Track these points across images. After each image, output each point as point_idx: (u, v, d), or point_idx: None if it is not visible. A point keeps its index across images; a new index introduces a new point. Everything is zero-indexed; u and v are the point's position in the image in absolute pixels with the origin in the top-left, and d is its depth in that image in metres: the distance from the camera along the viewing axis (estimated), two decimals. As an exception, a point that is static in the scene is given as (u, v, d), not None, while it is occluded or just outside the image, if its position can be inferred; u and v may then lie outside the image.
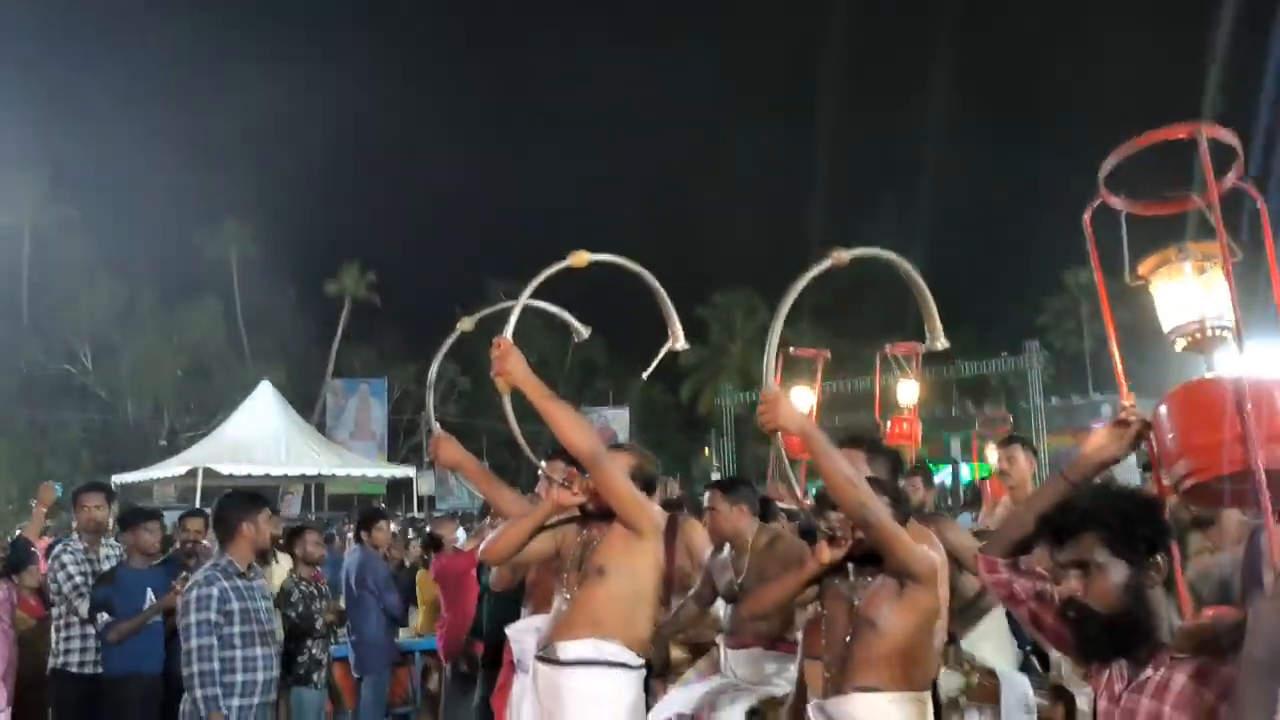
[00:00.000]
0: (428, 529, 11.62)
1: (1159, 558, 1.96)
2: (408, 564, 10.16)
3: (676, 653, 5.05)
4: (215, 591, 4.41)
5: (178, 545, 6.66)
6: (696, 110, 60.73)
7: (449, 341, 4.35)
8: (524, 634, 4.29)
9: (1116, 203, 2.22)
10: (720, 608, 4.90)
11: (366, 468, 23.82)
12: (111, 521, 6.37)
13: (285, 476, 21.01)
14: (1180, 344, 2.11)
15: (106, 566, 5.97)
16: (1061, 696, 4.31)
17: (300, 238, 40.30)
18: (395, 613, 7.41)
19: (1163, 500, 2.12)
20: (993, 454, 7.35)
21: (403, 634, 8.28)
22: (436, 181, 51.52)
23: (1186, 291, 2.08)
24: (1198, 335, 2.06)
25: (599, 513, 3.54)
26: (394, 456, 34.71)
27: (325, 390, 36.19)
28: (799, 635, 4.57)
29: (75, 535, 6.04)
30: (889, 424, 7.43)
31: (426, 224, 48.22)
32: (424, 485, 27.25)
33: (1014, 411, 22.08)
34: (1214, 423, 1.90)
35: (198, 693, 4.26)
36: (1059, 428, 22.09)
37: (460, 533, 8.98)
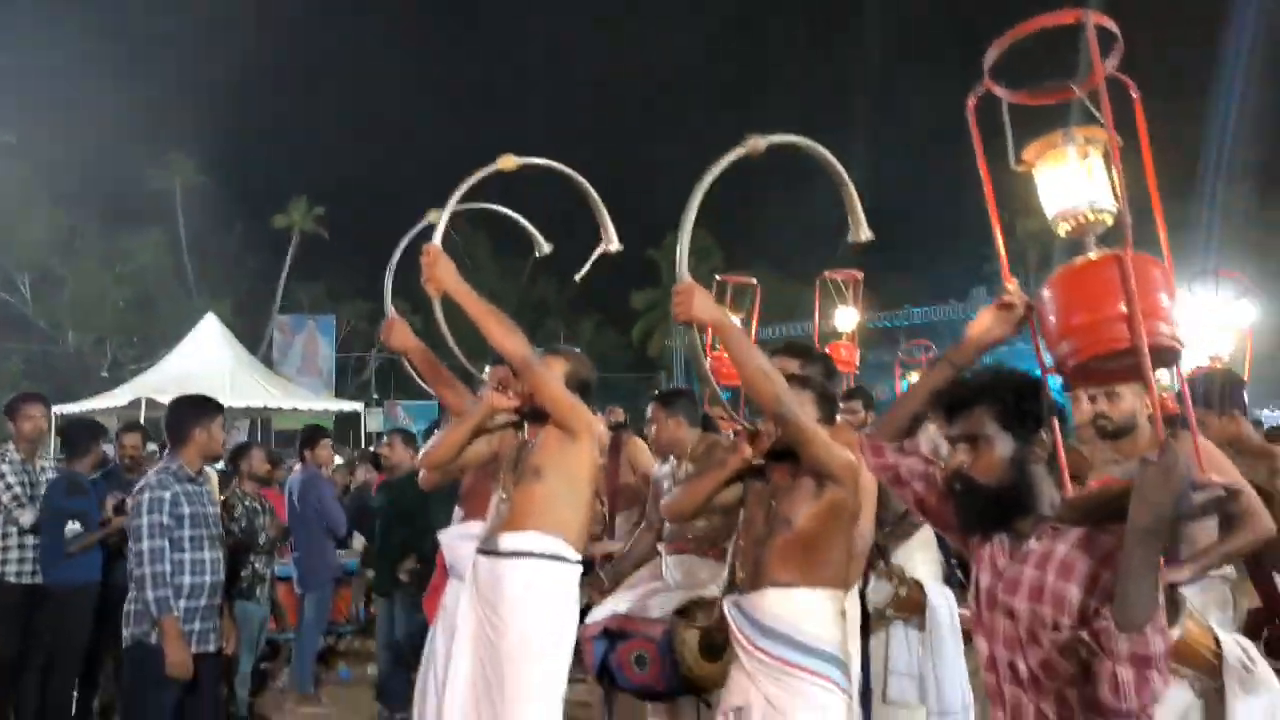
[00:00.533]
0: (373, 449, 11.73)
1: (1043, 434, 2.06)
2: (352, 488, 10.25)
3: None
4: (168, 495, 4.42)
5: (115, 461, 6.75)
6: (650, 53, 60.08)
7: (412, 233, 4.30)
8: (457, 540, 4.30)
9: (1000, 91, 2.31)
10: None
11: (313, 402, 23.63)
12: (51, 436, 6.38)
13: (230, 409, 20.76)
14: (1063, 228, 2.22)
15: (44, 480, 5.99)
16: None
17: (248, 170, 39.60)
18: (339, 530, 7.49)
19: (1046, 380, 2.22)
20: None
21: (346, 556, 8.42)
22: (388, 116, 50.72)
23: (1070, 176, 2.19)
24: (1081, 219, 2.17)
25: (534, 415, 3.61)
26: (341, 395, 34.59)
27: (272, 326, 35.76)
28: None
29: (10, 447, 6.01)
30: (827, 350, 7.48)
31: (378, 159, 47.57)
32: (372, 421, 27.14)
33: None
34: (1097, 302, 2.01)
35: (150, 594, 4.26)
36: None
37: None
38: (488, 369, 4.30)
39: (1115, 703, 1.72)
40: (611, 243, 3.81)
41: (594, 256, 3.81)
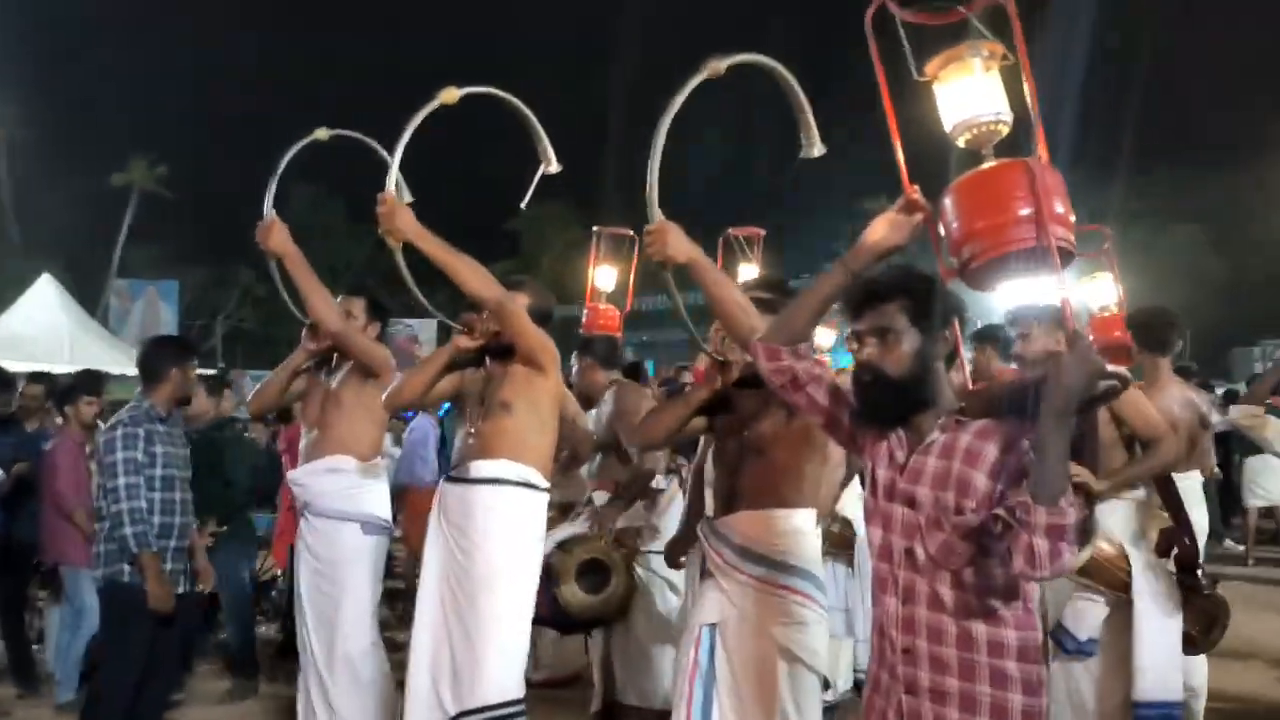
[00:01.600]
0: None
1: (947, 332, 2.18)
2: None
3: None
4: (142, 432, 4.32)
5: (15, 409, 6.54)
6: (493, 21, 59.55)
7: (303, 143, 4.28)
8: (311, 476, 4.33)
9: (894, 7, 2.35)
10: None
11: (156, 369, 22.60)
12: None
13: (69, 374, 19.63)
14: (964, 139, 2.27)
15: None
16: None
17: (84, 126, 37.31)
18: None
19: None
20: None
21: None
22: (236, 75, 48.61)
23: (974, 87, 2.24)
24: (982, 129, 2.23)
25: (498, 352, 3.69)
26: (186, 362, 33.14)
27: (109, 291, 33.95)
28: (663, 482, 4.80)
29: None
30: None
31: (224, 118, 45.55)
32: (219, 390, 26.09)
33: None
34: (1002, 205, 2.08)
35: (127, 530, 4.18)
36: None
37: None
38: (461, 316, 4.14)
39: (1031, 571, 1.84)
40: (551, 164, 3.78)
41: (535, 180, 3.79)
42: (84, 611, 5.63)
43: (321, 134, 4.06)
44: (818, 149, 3.03)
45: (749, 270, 7.52)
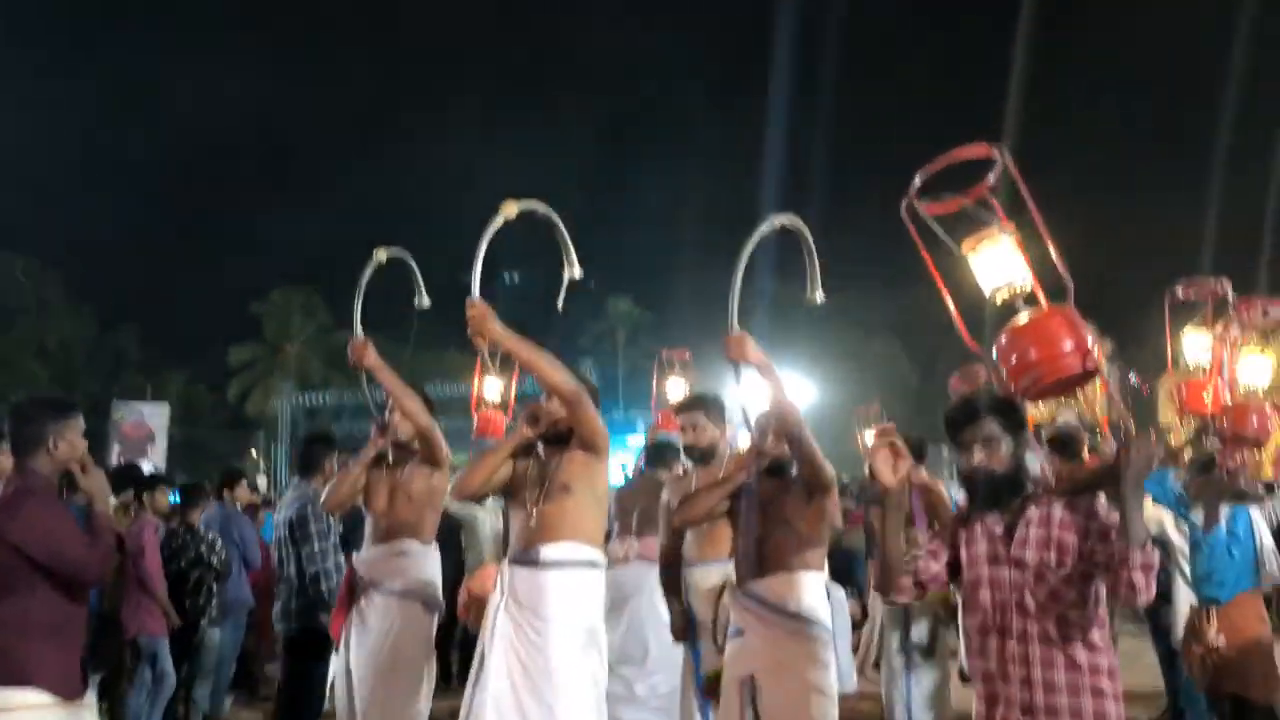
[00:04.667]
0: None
1: (1024, 434, 2.94)
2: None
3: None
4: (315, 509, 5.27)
5: None
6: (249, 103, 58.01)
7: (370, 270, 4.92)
8: (370, 562, 4.67)
9: (921, 206, 3.25)
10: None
11: None
12: None
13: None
14: (1000, 297, 3.13)
15: None
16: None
17: None
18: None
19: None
20: None
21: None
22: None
23: (1003, 258, 3.11)
24: (1012, 290, 3.10)
25: (556, 438, 3.94)
26: None
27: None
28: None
29: None
30: (659, 415, 8.34)
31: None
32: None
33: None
34: (1052, 343, 2.95)
35: (322, 585, 5.20)
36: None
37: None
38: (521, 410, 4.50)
39: (1134, 599, 2.58)
40: (575, 269, 4.19)
41: (565, 285, 4.19)
42: (165, 677, 6.21)
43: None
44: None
45: (678, 384, 8.42)
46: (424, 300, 4.92)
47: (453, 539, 7.17)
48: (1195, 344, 6.14)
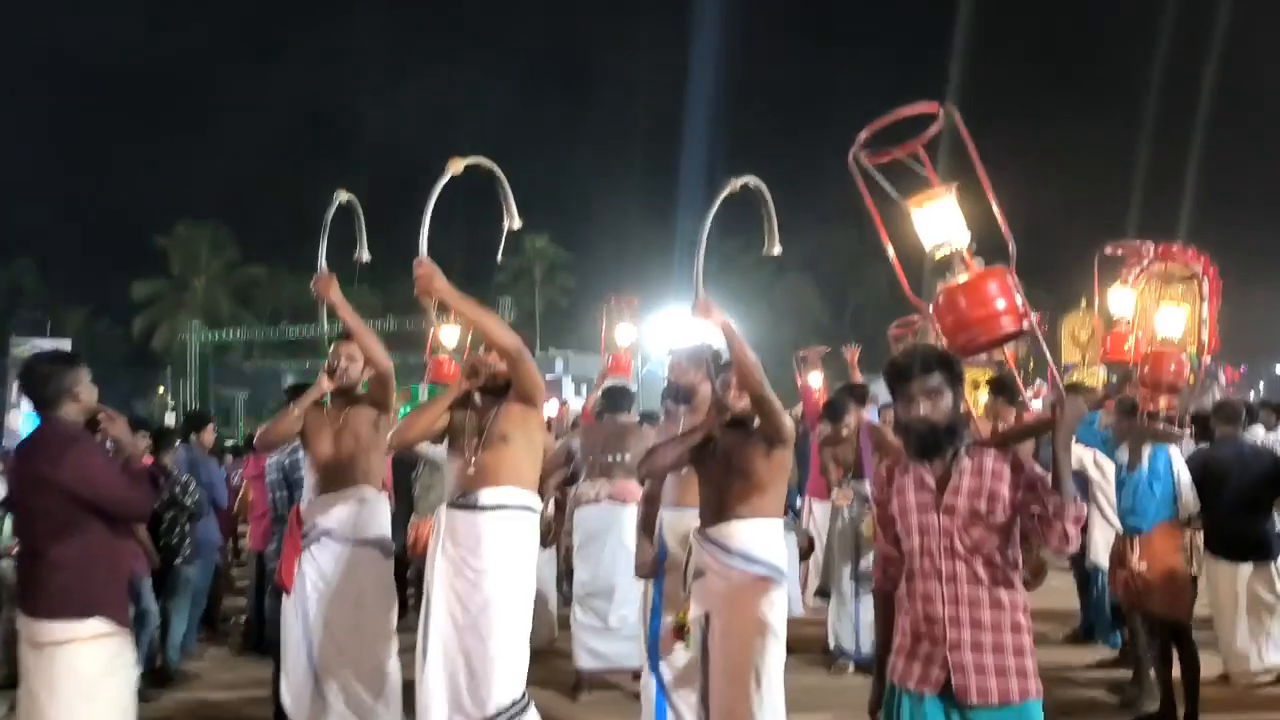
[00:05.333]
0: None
1: (962, 386, 3.03)
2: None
3: None
4: None
5: None
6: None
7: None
8: (320, 509, 4.58)
9: (864, 157, 3.25)
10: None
11: None
12: None
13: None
14: (940, 254, 3.15)
15: None
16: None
17: None
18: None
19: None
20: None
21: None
22: None
23: (945, 215, 3.12)
24: (950, 247, 3.12)
25: (494, 390, 4.11)
26: None
27: None
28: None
29: None
30: (610, 359, 8.49)
31: None
32: None
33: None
34: (988, 303, 2.98)
35: None
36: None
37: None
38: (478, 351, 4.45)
39: (1064, 548, 2.81)
40: (514, 220, 4.27)
41: (504, 238, 4.24)
42: (148, 614, 6.31)
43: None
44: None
45: (626, 329, 8.57)
46: (364, 254, 4.85)
47: (405, 480, 7.47)
48: (1120, 298, 6.35)
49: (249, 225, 37.88)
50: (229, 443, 16.87)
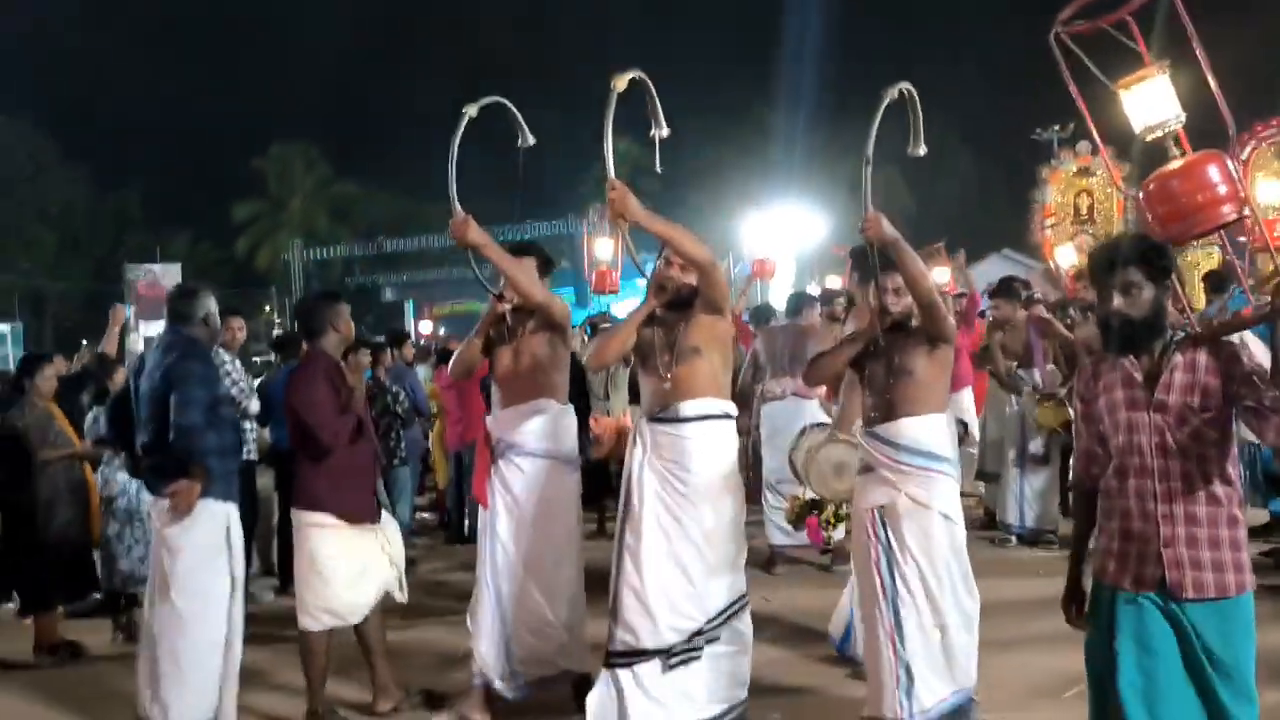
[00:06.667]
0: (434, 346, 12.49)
1: (1168, 281, 2.97)
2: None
3: None
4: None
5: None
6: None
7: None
8: (504, 424, 4.63)
9: (1077, 26, 3.14)
10: None
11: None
12: None
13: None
14: (1151, 136, 3.06)
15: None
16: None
17: None
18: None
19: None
20: None
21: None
22: None
23: (1158, 96, 3.03)
24: (1164, 128, 3.03)
25: (683, 304, 4.17)
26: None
27: None
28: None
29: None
30: (594, 275, 9.17)
31: None
32: None
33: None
34: (1208, 188, 2.89)
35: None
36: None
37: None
38: (655, 264, 4.45)
39: (1278, 441, 2.78)
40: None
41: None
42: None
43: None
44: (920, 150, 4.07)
45: (605, 244, 9.48)
46: (528, 138, 4.70)
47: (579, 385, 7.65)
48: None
49: (338, 142, 38.22)
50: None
